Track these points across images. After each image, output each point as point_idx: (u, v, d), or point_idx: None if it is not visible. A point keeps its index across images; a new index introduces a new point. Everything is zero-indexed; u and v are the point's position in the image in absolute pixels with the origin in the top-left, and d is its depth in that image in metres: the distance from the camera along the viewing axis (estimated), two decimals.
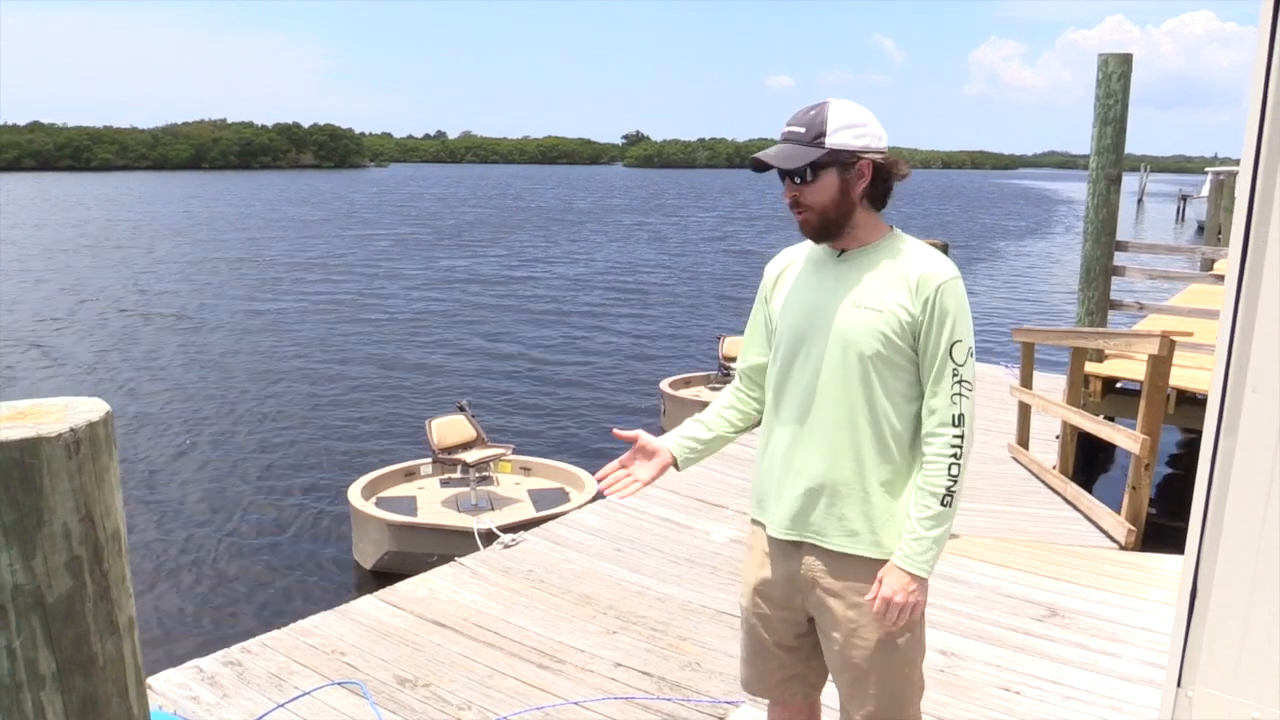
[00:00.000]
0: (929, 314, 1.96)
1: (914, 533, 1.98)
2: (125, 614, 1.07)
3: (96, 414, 1.03)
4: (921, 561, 1.97)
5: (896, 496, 2.03)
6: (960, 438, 1.97)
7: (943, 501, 1.97)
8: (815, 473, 2.03)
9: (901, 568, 1.97)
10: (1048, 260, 30.21)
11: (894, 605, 1.96)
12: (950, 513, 1.98)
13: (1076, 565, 4.72)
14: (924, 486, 1.99)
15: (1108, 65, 7.70)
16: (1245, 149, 1.54)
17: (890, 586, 1.97)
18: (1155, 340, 5.16)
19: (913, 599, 1.97)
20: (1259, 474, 1.58)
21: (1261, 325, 1.55)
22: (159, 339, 15.52)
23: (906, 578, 1.97)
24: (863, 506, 2.02)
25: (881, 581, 1.99)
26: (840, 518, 2.02)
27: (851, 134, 1.96)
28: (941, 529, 1.98)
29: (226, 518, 8.00)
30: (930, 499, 1.97)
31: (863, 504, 2.02)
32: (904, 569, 1.97)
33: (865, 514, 2.02)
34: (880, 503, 2.02)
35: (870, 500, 2.01)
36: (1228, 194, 18.79)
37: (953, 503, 1.98)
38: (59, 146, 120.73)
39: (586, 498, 6.57)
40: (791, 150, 1.96)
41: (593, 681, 3.61)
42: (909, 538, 1.98)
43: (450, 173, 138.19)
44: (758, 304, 2.24)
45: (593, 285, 22.66)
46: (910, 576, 1.97)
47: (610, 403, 12.00)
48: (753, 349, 2.24)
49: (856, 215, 2.01)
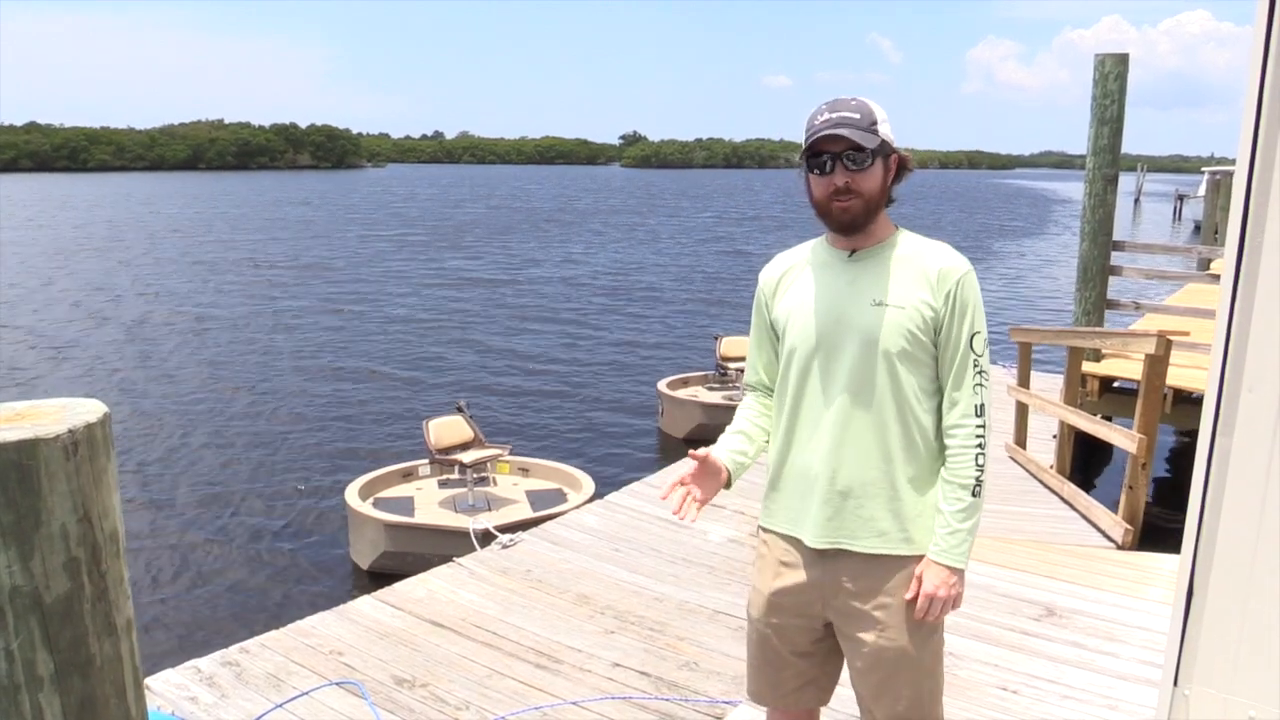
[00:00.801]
0: (951, 308, 1.98)
1: (948, 526, 2.00)
2: (123, 615, 1.07)
3: (94, 415, 1.03)
4: (959, 554, 2.00)
5: (923, 492, 2.04)
6: (982, 428, 2.01)
7: (973, 492, 2.00)
8: (844, 475, 2.01)
9: (940, 562, 1.99)
10: (1045, 260, 30.23)
11: (937, 600, 1.99)
12: (980, 503, 2.01)
13: (1074, 565, 4.72)
14: (952, 479, 2.01)
15: (1104, 65, 7.71)
16: (1241, 149, 1.54)
17: (931, 582, 1.99)
18: (1152, 340, 5.17)
19: (954, 592, 2.00)
20: (1255, 473, 1.59)
21: (1258, 325, 1.56)
22: (156, 340, 15.50)
23: (946, 571, 1.99)
24: (891, 505, 2.02)
25: (921, 579, 2.00)
26: (870, 518, 2.02)
27: (888, 128, 1.99)
28: (974, 520, 2.01)
29: (224, 518, 7.99)
30: (961, 491, 2.00)
31: (891, 502, 2.02)
32: (942, 563, 1.99)
33: (894, 512, 2.02)
34: (909, 499, 2.02)
35: (899, 498, 2.02)
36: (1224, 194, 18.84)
37: (981, 492, 2.01)
38: (56, 147, 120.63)
39: (584, 498, 6.57)
40: (859, 133, 1.93)
41: (590, 681, 3.61)
42: (943, 532, 2.00)
43: (447, 173, 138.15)
44: (757, 313, 2.20)
45: (591, 285, 22.66)
46: (949, 570, 1.99)
47: (608, 403, 12.00)
48: (762, 359, 2.21)
49: (882, 210, 2.03)
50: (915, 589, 2.00)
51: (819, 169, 1.97)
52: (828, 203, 1.98)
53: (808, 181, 2.01)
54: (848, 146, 1.93)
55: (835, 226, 2.03)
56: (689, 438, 9.58)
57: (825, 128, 1.94)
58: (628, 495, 5.94)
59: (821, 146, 1.95)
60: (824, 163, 1.96)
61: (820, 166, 1.96)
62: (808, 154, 1.97)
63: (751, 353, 2.25)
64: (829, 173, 1.96)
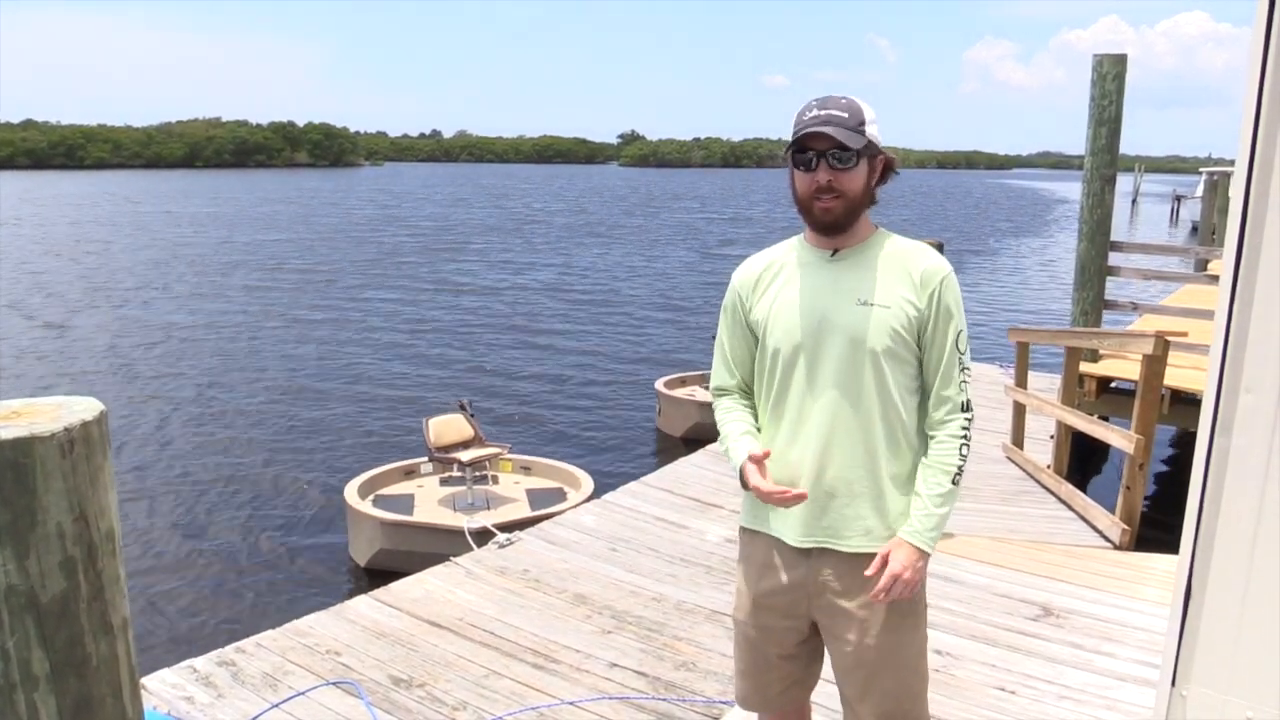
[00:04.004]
0: (934, 307, 1.99)
1: (925, 509, 2.00)
2: (119, 614, 1.06)
3: (90, 413, 1.02)
4: (930, 537, 1.99)
5: (907, 491, 2.04)
6: (969, 422, 2.03)
7: (953, 480, 2.01)
8: (830, 475, 2.02)
9: (911, 543, 1.99)
10: (1042, 260, 30.26)
11: (901, 581, 1.97)
12: (957, 492, 2.02)
13: (1071, 565, 4.73)
14: (935, 465, 2.01)
15: (1102, 66, 7.72)
16: (1239, 149, 1.54)
17: (899, 562, 1.97)
18: (1150, 340, 5.17)
19: (918, 575, 2.00)
20: (1253, 474, 1.59)
21: (1256, 325, 1.56)
22: (153, 338, 15.47)
23: (915, 553, 1.98)
24: (877, 503, 2.02)
25: (888, 557, 1.98)
26: (855, 517, 2.02)
27: (876, 129, 2.00)
28: (949, 507, 2.01)
29: (222, 518, 7.98)
30: (943, 476, 2.00)
31: (876, 500, 2.02)
32: (913, 544, 1.98)
33: (880, 510, 2.02)
34: (893, 497, 2.03)
35: (884, 496, 2.02)
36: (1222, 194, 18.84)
37: (959, 482, 2.02)
38: (53, 145, 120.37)
39: (583, 497, 6.57)
40: (845, 132, 1.94)
41: (588, 681, 3.61)
42: (920, 514, 2.00)
43: (446, 172, 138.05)
44: (731, 315, 2.17)
45: (590, 286, 22.66)
46: (919, 553, 1.99)
47: (607, 403, 12.00)
48: (739, 361, 2.17)
49: (865, 210, 2.03)
50: (878, 567, 1.98)
51: (804, 165, 1.97)
52: (810, 200, 1.99)
53: (792, 177, 2.01)
54: (833, 145, 1.93)
55: (817, 226, 2.03)
56: (686, 437, 9.60)
57: (812, 124, 1.94)
58: (625, 495, 5.93)
59: (807, 143, 1.96)
60: (809, 159, 1.96)
61: (805, 163, 1.97)
62: (794, 149, 1.98)
63: (723, 356, 2.19)
64: (813, 169, 1.96)
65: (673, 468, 6.59)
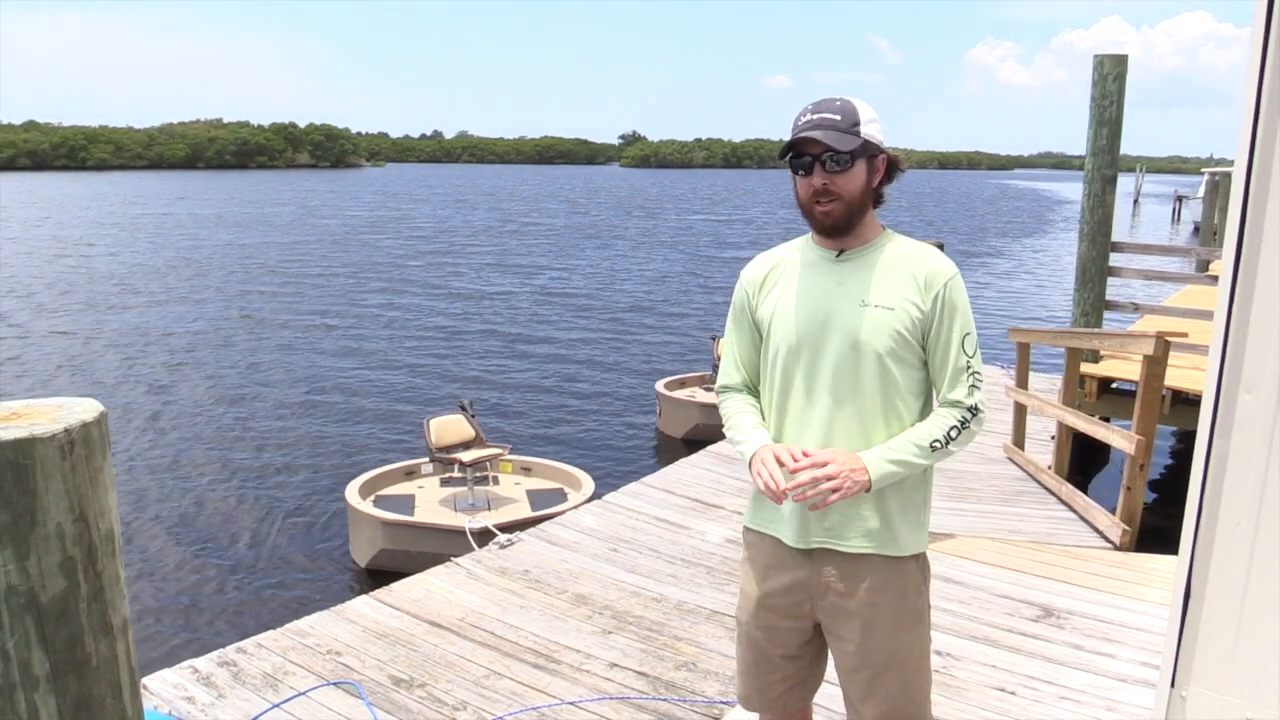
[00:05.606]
0: (939, 309, 1.98)
1: (895, 448, 1.96)
2: (119, 615, 1.06)
3: (91, 414, 1.02)
4: (883, 473, 1.95)
5: (909, 494, 2.03)
6: (972, 420, 2.00)
7: (932, 445, 1.97)
8: None
9: (866, 463, 1.94)
10: (1043, 261, 30.25)
11: (833, 475, 1.91)
12: (925, 461, 1.98)
13: (1071, 566, 4.72)
14: (923, 425, 2.00)
15: (1103, 66, 7.72)
16: (1239, 150, 1.54)
17: (844, 462, 1.92)
18: (1150, 341, 5.17)
19: (847, 486, 1.91)
20: (1253, 475, 1.58)
21: (1256, 326, 1.55)
22: (153, 339, 15.48)
23: (861, 470, 1.93)
24: (879, 504, 2.01)
25: (834, 454, 1.93)
26: (858, 517, 2.01)
27: (875, 128, 1.99)
28: (911, 463, 1.96)
29: (222, 517, 7.98)
30: (924, 437, 1.98)
31: (878, 502, 2.01)
32: (866, 465, 1.94)
33: (882, 511, 2.01)
34: (895, 500, 2.02)
35: (886, 497, 2.01)
36: (1223, 195, 18.84)
37: (933, 458, 1.98)
38: (54, 146, 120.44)
39: (583, 498, 6.58)
40: (836, 135, 1.94)
41: (588, 682, 3.61)
42: (886, 448, 1.96)
43: (447, 172, 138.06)
44: (739, 314, 2.18)
45: (589, 286, 22.67)
46: (865, 474, 1.93)
47: (606, 403, 12.00)
48: (746, 359, 2.18)
49: (868, 211, 2.03)
50: (819, 454, 1.93)
51: (801, 170, 1.98)
52: (810, 204, 1.99)
53: (794, 181, 2.02)
54: (824, 149, 1.94)
55: (819, 229, 2.04)
56: (686, 438, 9.59)
57: (804, 129, 1.96)
58: (626, 495, 5.93)
59: (802, 149, 1.97)
60: (806, 164, 1.97)
61: (801, 168, 1.98)
62: (791, 155, 1.98)
63: (731, 353, 2.21)
64: (809, 174, 1.97)
65: (673, 469, 6.59)
